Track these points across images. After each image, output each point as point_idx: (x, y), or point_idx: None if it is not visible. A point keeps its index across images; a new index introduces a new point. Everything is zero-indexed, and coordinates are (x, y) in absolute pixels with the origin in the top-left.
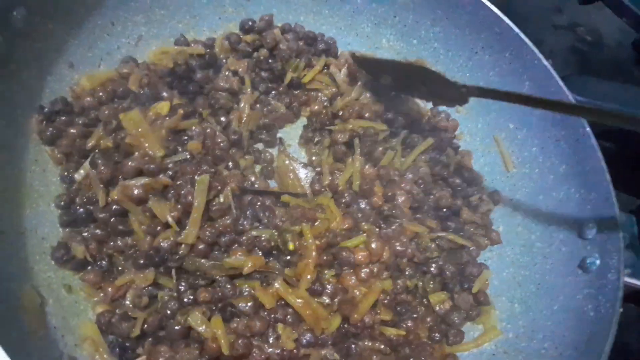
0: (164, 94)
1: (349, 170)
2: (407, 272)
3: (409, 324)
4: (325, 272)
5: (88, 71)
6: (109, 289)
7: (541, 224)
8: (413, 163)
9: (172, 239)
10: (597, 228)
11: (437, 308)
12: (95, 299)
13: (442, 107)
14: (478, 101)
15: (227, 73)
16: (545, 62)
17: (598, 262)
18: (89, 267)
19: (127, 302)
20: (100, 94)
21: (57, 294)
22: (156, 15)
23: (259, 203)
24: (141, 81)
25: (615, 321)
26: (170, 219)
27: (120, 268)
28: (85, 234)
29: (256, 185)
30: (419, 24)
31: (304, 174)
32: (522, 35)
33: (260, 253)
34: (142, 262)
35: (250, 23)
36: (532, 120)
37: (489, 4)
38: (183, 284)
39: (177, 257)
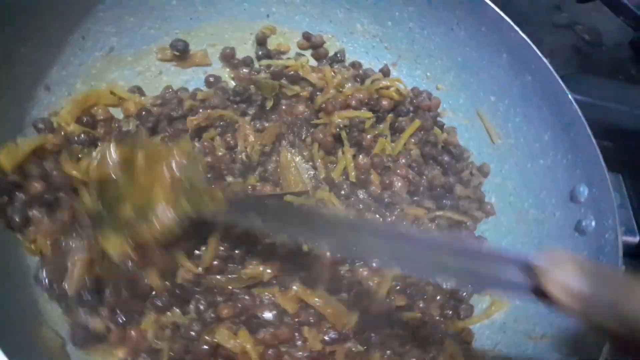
0: None
1: (342, 162)
2: None
3: (421, 305)
4: (340, 268)
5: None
6: (132, 333)
7: (532, 192)
8: (404, 147)
9: (194, 271)
10: (588, 190)
11: (445, 285)
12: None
13: (424, 87)
14: (457, 76)
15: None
16: (521, 33)
17: (594, 223)
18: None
19: (150, 337)
20: None
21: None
22: (126, 23)
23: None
24: None
25: None
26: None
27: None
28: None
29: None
30: (391, 4)
31: (306, 169)
32: (496, 8)
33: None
34: (162, 304)
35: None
36: (513, 91)
37: None
38: (202, 302)
39: (203, 286)
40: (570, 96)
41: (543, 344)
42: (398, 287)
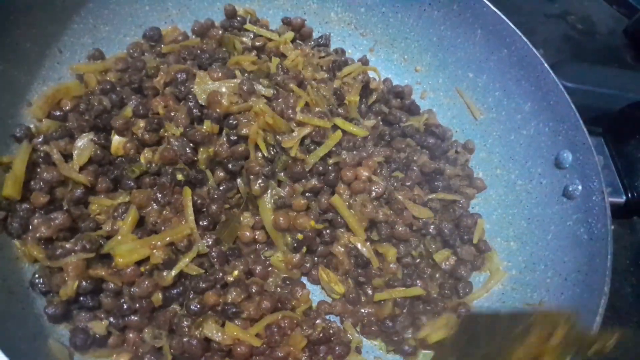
0: None
1: None
2: (412, 243)
3: (419, 284)
4: None
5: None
6: (130, 336)
7: (518, 162)
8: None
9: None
10: (572, 156)
11: (444, 265)
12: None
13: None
14: (434, 56)
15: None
16: (493, 7)
17: (580, 187)
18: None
19: (147, 340)
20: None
21: None
22: (102, 32)
23: None
24: None
25: (610, 239)
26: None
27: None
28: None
29: None
30: None
31: None
32: None
33: None
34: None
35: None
36: (490, 66)
37: None
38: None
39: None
40: (546, 65)
41: (541, 310)
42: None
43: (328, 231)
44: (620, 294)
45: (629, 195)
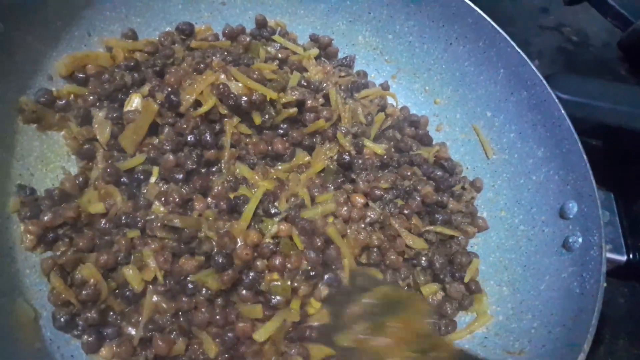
0: None
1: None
2: (401, 273)
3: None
4: None
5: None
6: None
7: (523, 207)
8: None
9: None
10: (577, 207)
11: (430, 299)
12: None
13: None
14: (455, 91)
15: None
16: (518, 49)
17: (580, 240)
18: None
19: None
20: None
21: (50, 306)
22: (132, 23)
23: None
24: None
25: (600, 296)
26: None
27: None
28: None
29: None
30: (393, 18)
31: None
32: (494, 25)
33: None
34: None
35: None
36: (509, 107)
37: None
38: None
39: None
40: (563, 111)
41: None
42: None
43: None
44: (612, 304)
45: (631, 255)
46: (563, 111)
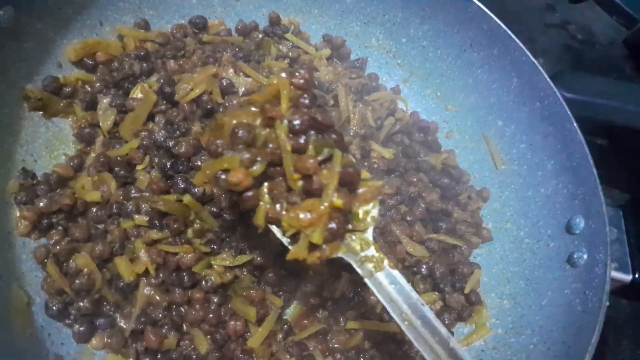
0: None
1: None
2: None
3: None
4: None
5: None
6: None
7: (530, 220)
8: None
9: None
10: (584, 223)
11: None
12: None
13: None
14: (467, 98)
15: None
16: (532, 58)
17: (585, 256)
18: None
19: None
20: None
21: (44, 294)
22: (145, 15)
23: None
24: None
25: (602, 314)
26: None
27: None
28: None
29: None
30: (408, 22)
31: None
32: (510, 32)
33: None
34: None
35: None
36: (521, 117)
37: (476, 1)
38: None
39: None
40: (575, 124)
41: None
42: None
43: None
44: (616, 305)
45: (637, 275)
46: (575, 124)
